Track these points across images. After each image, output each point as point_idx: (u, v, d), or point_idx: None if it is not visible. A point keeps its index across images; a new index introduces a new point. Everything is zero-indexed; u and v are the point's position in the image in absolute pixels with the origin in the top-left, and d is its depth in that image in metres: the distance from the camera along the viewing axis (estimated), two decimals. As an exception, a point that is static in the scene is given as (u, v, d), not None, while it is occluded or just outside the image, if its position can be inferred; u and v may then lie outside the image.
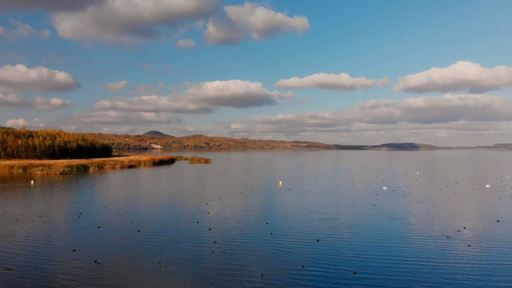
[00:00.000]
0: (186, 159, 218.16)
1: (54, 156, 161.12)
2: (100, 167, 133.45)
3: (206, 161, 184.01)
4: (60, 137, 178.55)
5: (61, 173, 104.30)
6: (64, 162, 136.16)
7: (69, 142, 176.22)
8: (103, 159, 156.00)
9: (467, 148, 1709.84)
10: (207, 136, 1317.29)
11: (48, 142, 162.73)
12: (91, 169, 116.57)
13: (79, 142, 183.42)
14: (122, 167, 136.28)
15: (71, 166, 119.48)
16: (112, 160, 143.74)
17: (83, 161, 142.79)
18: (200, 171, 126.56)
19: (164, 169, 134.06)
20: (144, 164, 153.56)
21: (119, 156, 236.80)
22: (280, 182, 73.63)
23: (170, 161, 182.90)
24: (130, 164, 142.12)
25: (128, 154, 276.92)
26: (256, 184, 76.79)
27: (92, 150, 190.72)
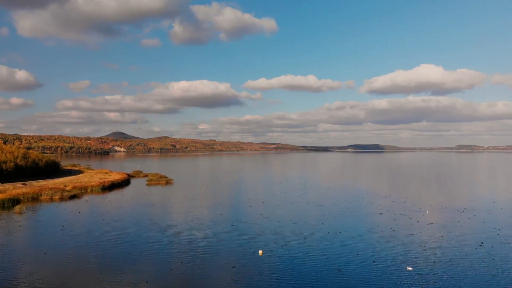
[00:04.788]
0: (146, 175, 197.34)
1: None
2: (35, 198, 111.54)
3: (167, 182, 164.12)
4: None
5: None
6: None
7: (5, 162, 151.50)
8: (42, 184, 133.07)
9: (430, 149, 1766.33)
10: (174, 138, 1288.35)
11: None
12: (17, 208, 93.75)
13: (18, 161, 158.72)
14: (62, 198, 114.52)
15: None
16: (51, 188, 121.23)
17: (17, 187, 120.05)
18: (155, 205, 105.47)
19: (110, 201, 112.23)
20: (92, 190, 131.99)
21: (70, 170, 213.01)
22: (260, 252, 56.31)
23: (125, 182, 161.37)
24: (72, 194, 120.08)
25: (82, 168, 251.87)
26: (226, 252, 58.23)
27: (35, 169, 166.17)
